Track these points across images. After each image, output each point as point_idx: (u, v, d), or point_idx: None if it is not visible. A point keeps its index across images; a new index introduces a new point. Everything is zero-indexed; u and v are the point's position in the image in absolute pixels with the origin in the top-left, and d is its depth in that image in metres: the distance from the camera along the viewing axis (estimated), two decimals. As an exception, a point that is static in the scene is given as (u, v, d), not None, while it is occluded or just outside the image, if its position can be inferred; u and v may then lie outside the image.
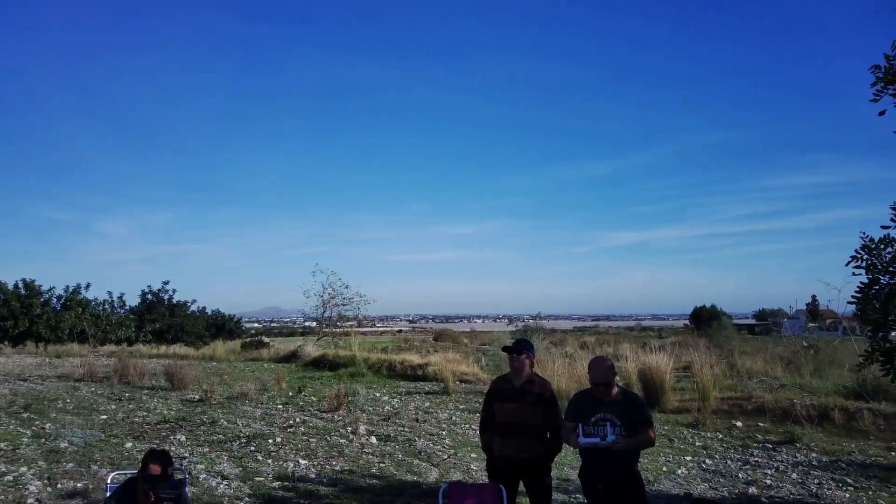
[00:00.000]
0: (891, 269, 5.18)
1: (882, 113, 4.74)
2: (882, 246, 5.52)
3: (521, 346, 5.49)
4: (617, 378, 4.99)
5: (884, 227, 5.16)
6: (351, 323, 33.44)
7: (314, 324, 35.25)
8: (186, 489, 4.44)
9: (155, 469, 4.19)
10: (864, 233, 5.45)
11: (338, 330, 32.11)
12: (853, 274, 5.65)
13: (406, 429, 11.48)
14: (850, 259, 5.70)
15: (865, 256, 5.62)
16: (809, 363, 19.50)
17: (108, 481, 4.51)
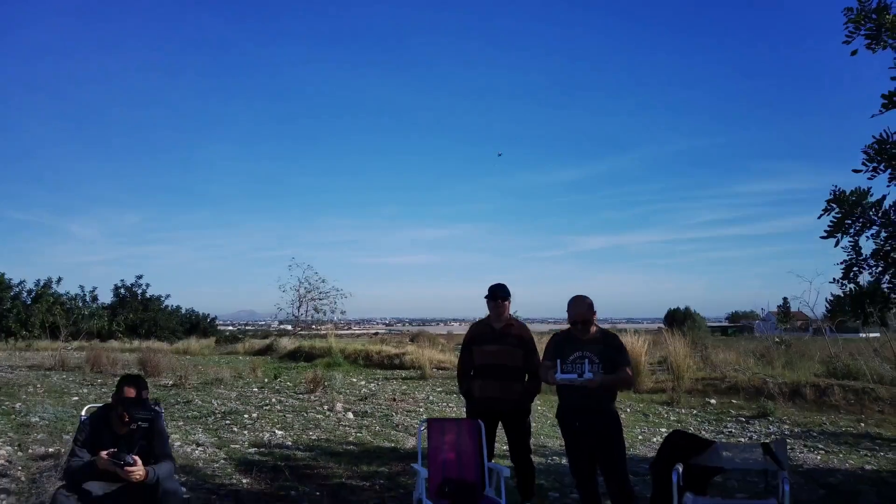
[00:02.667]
0: (872, 219, 5.15)
1: (854, 53, 4.86)
2: (853, 198, 5.54)
3: (504, 293, 5.54)
4: (596, 315, 5.02)
5: (855, 171, 5.23)
6: (327, 326, 33.28)
7: (289, 326, 35.07)
8: (162, 421, 4.40)
9: (129, 392, 4.16)
10: (835, 186, 5.47)
11: (314, 331, 31.92)
12: (822, 236, 5.64)
13: (383, 406, 11.45)
14: (822, 212, 5.71)
15: (836, 209, 5.64)
16: (781, 357, 19.81)
17: (83, 414, 4.46)
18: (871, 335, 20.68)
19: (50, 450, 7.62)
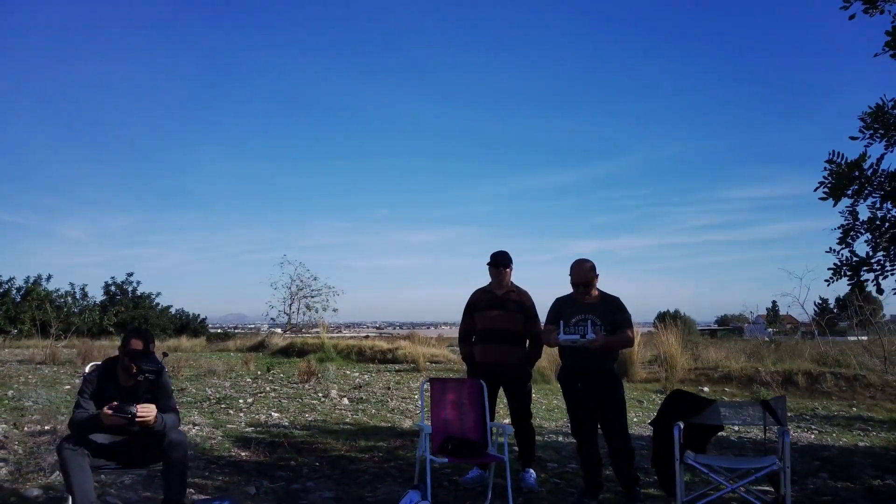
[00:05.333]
0: (870, 180, 5.19)
1: (852, 17, 4.95)
2: (849, 170, 5.57)
3: (506, 260, 5.60)
4: (598, 278, 5.05)
5: (852, 138, 5.31)
6: (317, 330, 33.21)
7: (279, 330, 35.03)
8: (166, 376, 4.41)
9: (137, 344, 4.17)
10: (832, 151, 5.49)
11: (305, 334, 31.85)
12: (820, 198, 5.70)
13: (378, 394, 11.45)
14: (818, 185, 5.75)
15: (832, 181, 5.67)
16: (771, 355, 20.01)
17: (86, 369, 4.47)
18: (861, 337, 20.91)
19: (46, 427, 7.59)
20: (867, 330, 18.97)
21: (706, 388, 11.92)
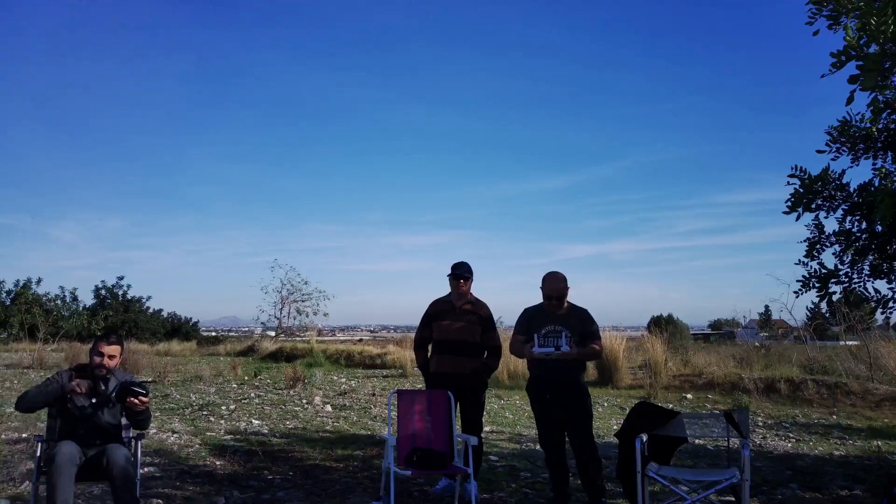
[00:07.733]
0: (833, 195, 5.25)
1: (816, 33, 4.98)
2: (811, 184, 5.57)
3: (467, 273, 5.64)
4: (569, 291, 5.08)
5: (819, 152, 5.36)
6: (310, 333, 33.20)
7: (272, 333, 35.02)
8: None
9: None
10: (795, 166, 5.48)
11: (297, 337, 31.83)
12: (784, 212, 5.70)
13: (362, 401, 11.47)
14: (789, 197, 5.76)
15: (802, 191, 5.69)
16: (761, 360, 20.10)
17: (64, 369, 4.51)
18: (850, 342, 21.01)
19: (24, 435, 7.60)
20: (857, 335, 19.07)
21: (689, 395, 11.97)
